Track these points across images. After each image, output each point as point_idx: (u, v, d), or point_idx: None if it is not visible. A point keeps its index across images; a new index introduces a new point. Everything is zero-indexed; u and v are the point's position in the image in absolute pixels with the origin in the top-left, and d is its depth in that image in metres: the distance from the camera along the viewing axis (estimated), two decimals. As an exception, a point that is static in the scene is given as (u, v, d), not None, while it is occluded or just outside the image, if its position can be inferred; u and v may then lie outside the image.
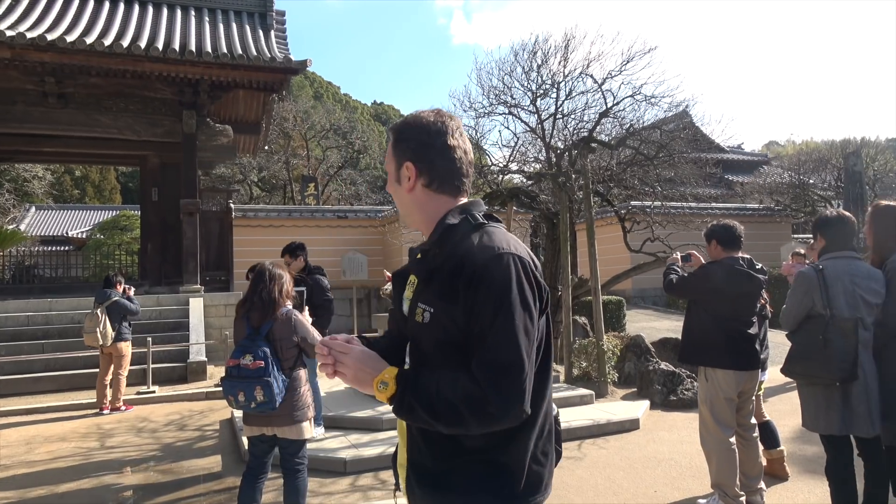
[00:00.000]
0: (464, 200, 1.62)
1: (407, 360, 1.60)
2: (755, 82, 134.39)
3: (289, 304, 3.80)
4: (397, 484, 1.69)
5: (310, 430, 3.83)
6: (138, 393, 8.84)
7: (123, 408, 8.20)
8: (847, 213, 3.57)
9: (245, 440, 5.92)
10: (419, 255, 1.60)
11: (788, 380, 3.88)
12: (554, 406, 1.68)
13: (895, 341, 3.33)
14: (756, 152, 35.22)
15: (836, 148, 22.04)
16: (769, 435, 4.80)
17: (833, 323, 3.24)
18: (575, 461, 5.33)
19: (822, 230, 3.54)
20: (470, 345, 1.42)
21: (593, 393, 7.30)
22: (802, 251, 7.92)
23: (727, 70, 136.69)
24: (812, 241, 3.71)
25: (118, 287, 8.16)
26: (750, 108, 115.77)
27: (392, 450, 5.56)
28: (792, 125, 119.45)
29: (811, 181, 20.03)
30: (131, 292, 8.38)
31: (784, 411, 6.48)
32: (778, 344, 9.38)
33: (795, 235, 18.94)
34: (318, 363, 1.54)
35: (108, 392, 8.13)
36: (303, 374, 3.81)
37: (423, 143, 1.59)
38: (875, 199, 16.22)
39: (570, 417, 6.37)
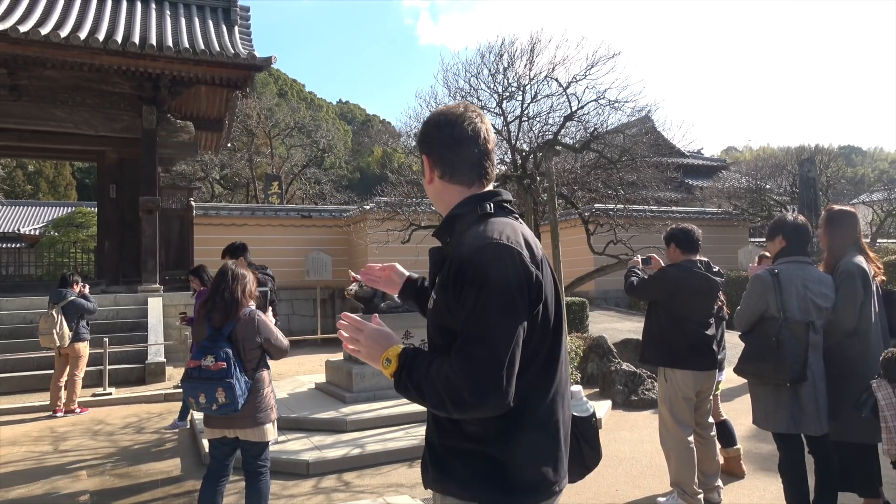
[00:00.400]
0: (486, 189, 1.64)
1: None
2: (715, 89, 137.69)
3: (252, 305, 3.75)
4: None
5: (273, 431, 3.79)
6: (94, 395, 8.61)
7: (78, 410, 7.97)
8: (804, 220, 3.70)
9: (206, 442, 5.82)
10: (436, 248, 1.68)
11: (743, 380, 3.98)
12: (589, 405, 1.70)
13: (845, 341, 3.46)
14: (715, 158, 36.05)
15: (792, 154, 22.72)
16: (726, 434, 4.93)
17: (786, 325, 3.35)
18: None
19: (784, 231, 3.64)
20: (458, 332, 1.46)
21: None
22: (769, 254, 8.13)
23: (688, 76, 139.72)
24: (768, 242, 3.80)
25: (74, 287, 7.93)
26: (709, 115, 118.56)
27: (356, 451, 5.53)
28: (750, 131, 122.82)
29: (768, 186, 20.60)
30: (86, 290, 8.16)
31: (741, 410, 6.64)
32: (735, 345, 9.54)
33: (752, 239, 19.46)
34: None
35: (63, 394, 7.90)
36: (266, 375, 3.76)
37: (434, 135, 1.65)
38: (827, 204, 16.78)
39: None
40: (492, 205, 1.58)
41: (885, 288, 3.82)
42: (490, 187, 1.67)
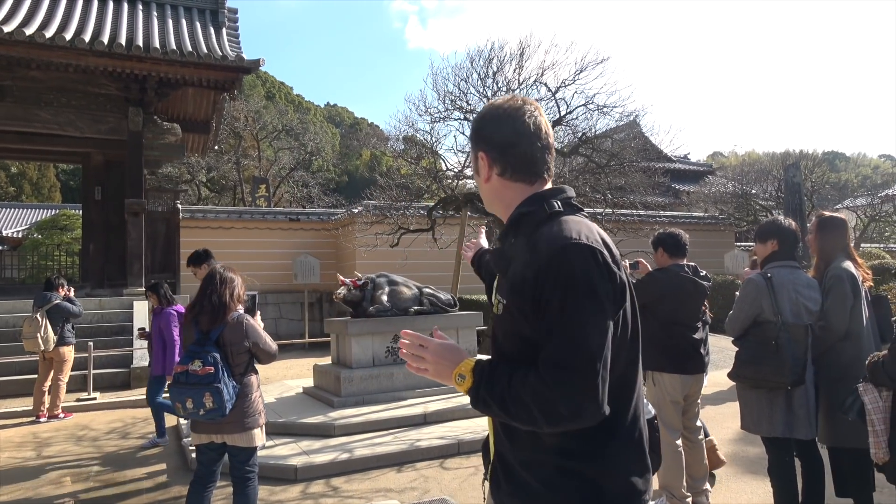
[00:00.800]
0: (546, 187, 1.55)
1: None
2: (701, 94, 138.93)
3: (240, 309, 3.72)
4: (486, 474, 1.67)
5: (261, 436, 3.75)
6: (78, 400, 8.50)
7: (62, 415, 7.87)
8: (795, 224, 3.73)
9: (192, 448, 5.76)
10: (499, 245, 1.59)
11: (733, 383, 4.00)
12: (650, 408, 1.60)
13: (837, 345, 3.49)
14: (701, 162, 36.38)
15: (777, 160, 22.94)
16: None
17: (785, 328, 3.36)
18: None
19: (780, 236, 3.65)
20: (538, 339, 1.36)
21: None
22: (756, 257, 8.18)
23: (675, 82, 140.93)
24: (759, 245, 3.80)
25: (59, 290, 7.84)
26: (696, 120, 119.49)
27: (344, 456, 5.51)
28: (735, 136, 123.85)
29: (753, 191, 20.78)
30: (71, 293, 8.07)
31: (728, 414, 6.69)
32: (722, 349, 9.69)
33: (738, 243, 19.62)
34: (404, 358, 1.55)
35: (46, 399, 7.79)
36: (254, 379, 3.73)
37: (493, 131, 1.55)
38: (812, 209, 16.96)
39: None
40: (559, 202, 1.49)
41: (874, 293, 3.86)
42: (550, 184, 1.57)
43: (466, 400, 5.74)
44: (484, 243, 2.31)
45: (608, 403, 1.33)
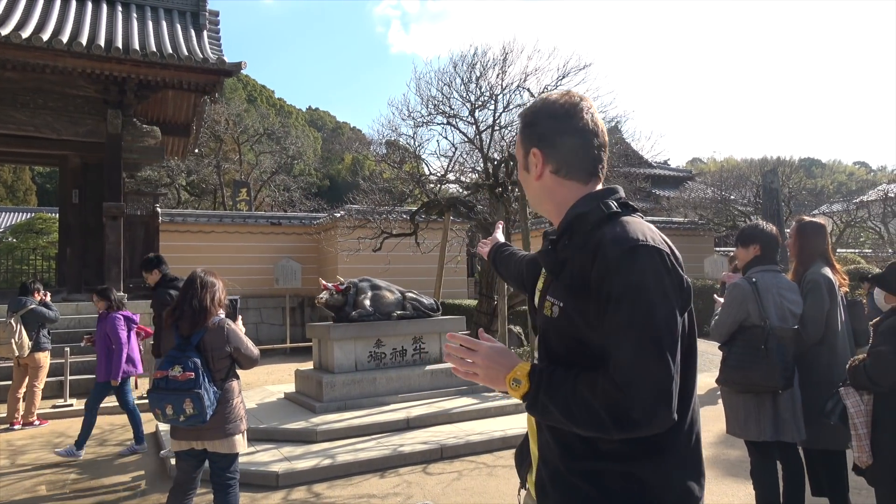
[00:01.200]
0: (598, 187, 1.52)
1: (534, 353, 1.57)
2: (681, 100, 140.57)
3: (221, 313, 3.67)
4: (523, 482, 1.62)
5: (242, 443, 3.71)
6: (54, 406, 8.34)
7: (37, 422, 7.72)
8: (776, 229, 3.77)
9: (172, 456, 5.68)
10: (549, 246, 1.51)
11: (712, 387, 4.03)
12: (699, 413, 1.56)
13: (813, 349, 3.53)
14: (681, 168, 36.74)
15: (755, 166, 23.26)
16: None
17: (773, 333, 3.38)
18: (511, 469, 5.37)
19: (762, 241, 3.67)
20: (601, 343, 1.32)
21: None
22: (738, 261, 8.27)
23: (656, 88, 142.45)
24: (740, 249, 3.81)
25: (35, 295, 7.70)
26: (675, 126, 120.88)
27: (327, 462, 5.45)
28: (714, 143, 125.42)
29: (732, 197, 21.04)
30: (47, 298, 7.92)
31: (708, 417, 6.75)
32: (702, 353, 9.79)
33: (718, 248, 19.84)
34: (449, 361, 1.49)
35: (21, 406, 7.64)
36: (235, 385, 3.69)
37: (549, 127, 1.50)
38: (790, 214, 17.22)
39: (505, 426, 6.43)
40: (616, 203, 1.45)
41: (849, 297, 3.92)
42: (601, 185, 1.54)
43: (449, 405, 5.76)
44: (500, 237, 2.32)
45: None
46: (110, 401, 8.86)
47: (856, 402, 3.04)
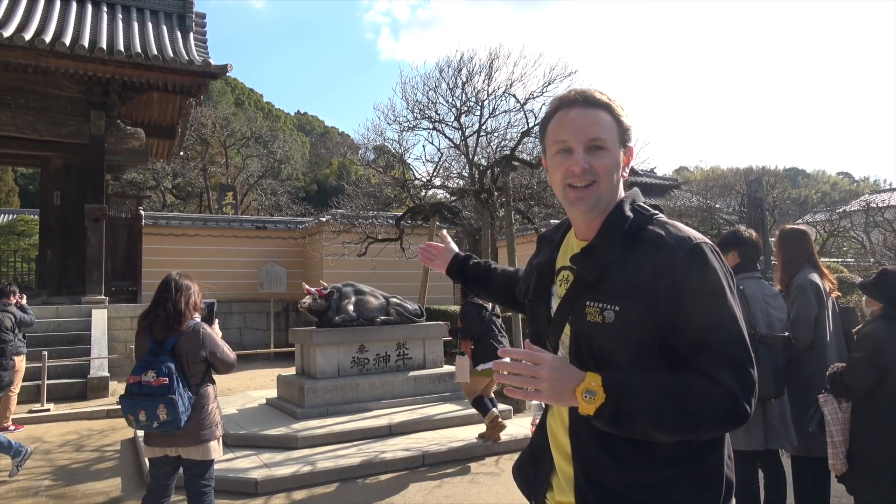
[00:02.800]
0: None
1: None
2: (668, 109, 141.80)
3: (196, 317, 3.61)
4: (540, 501, 1.54)
5: (218, 449, 3.64)
6: (30, 411, 8.19)
7: (12, 427, 7.56)
8: (755, 235, 3.77)
9: (147, 461, 5.59)
10: (585, 250, 1.44)
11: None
12: None
13: (801, 356, 3.52)
14: (667, 176, 36.96)
15: (740, 175, 23.46)
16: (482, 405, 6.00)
17: (764, 341, 3.37)
18: (493, 476, 5.34)
19: (740, 247, 3.67)
20: (676, 342, 1.30)
21: (511, 408, 7.35)
22: None
23: (642, 96, 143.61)
24: None
25: (11, 298, 7.56)
26: (662, 134, 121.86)
27: (307, 469, 5.36)
28: (700, 152, 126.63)
29: (717, 205, 21.19)
30: (24, 301, 7.78)
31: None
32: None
33: (702, 256, 19.91)
34: (500, 380, 1.36)
35: (-5, 411, 7.48)
36: (211, 390, 3.62)
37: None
38: (774, 223, 17.35)
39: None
40: (647, 205, 1.47)
41: (842, 304, 3.93)
42: None
43: (432, 411, 5.72)
44: (454, 247, 2.14)
45: None
46: (88, 406, 8.76)
47: (833, 410, 3.04)
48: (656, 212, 1.47)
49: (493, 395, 6.33)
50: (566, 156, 1.44)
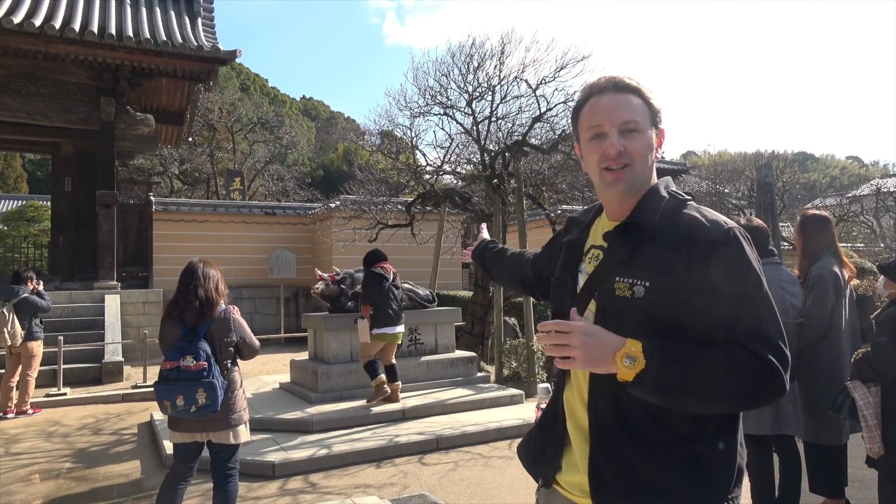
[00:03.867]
0: None
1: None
2: (675, 93, 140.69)
3: (223, 303, 3.66)
4: (547, 480, 1.56)
5: (246, 433, 3.70)
6: (47, 395, 8.31)
7: (31, 411, 7.68)
8: (761, 222, 3.77)
9: (167, 444, 5.67)
10: (619, 227, 1.48)
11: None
12: None
13: (815, 344, 3.54)
14: (676, 161, 36.72)
15: (749, 160, 23.36)
16: (392, 372, 6.74)
17: None
18: (506, 460, 5.40)
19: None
20: (705, 318, 1.34)
21: (523, 393, 7.41)
22: None
23: (650, 80, 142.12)
24: None
25: (28, 284, 7.64)
26: (670, 118, 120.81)
27: (323, 452, 5.44)
28: (708, 136, 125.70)
29: (726, 190, 21.12)
30: (40, 287, 7.87)
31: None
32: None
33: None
34: (543, 347, 1.38)
35: (14, 395, 7.60)
36: (238, 375, 3.68)
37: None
38: (784, 208, 17.27)
39: (500, 417, 6.45)
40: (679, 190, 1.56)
41: (858, 293, 3.93)
42: None
43: (445, 395, 5.76)
44: (486, 235, 2.30)
45: None
46: (104, 390, 8.87)
47: (864, 395, 3.06)
48: (689, 198, 1.51)
49: (394, 361, 6.91)
50: (601, 140, 1.48)
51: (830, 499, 3.66)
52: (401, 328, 6.94)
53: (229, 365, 3.60)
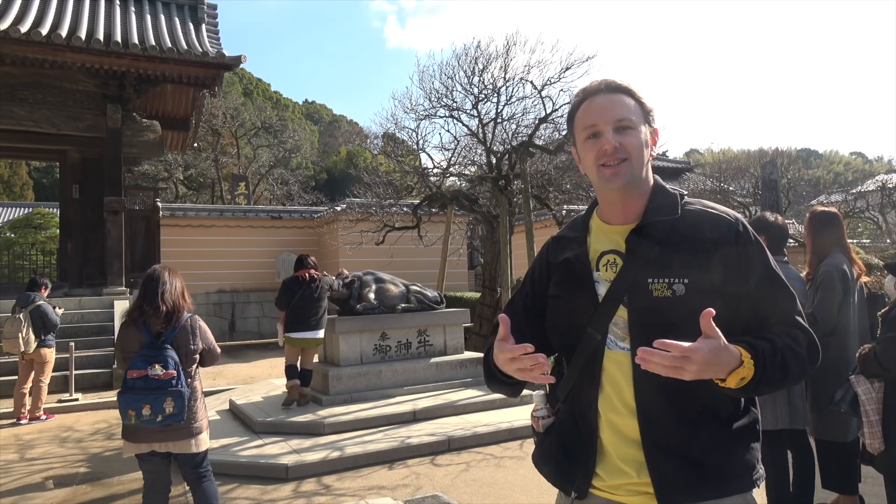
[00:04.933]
0: None
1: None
2: (678, 92, 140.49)
3: (188, 311, 3.59)
4: (583, 490, 1.53)
5: (207, 440, 3.63)
6: (60, 401, 8.37)
7: (44, 417, 7.74)
8: (783, 220, 3.78)
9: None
10: (639, 229, 1.50)
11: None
12: None
13: (823, 340, 3.55)
14: (679, 160, 36.70)
15: (753, 157, 23.29)
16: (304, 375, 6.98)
17: None
18: (518, 460, 5.42)
19: (768, 231, 3.68)
20: (737, 306, 1.44)
21: (533, 393, 7.41)
22: None
23: (654, 79, 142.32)
24: None
25: (43, 291, 7.69)
26: (673, 117, 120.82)
27: (335, 454, 5.47)
28: (711, 134, 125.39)
29: (731, 188, 21.07)
30: (45, 293, 7.85)
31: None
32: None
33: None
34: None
35: (27, 401, 7.66)
36: (199, 383, 3.63)
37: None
38: (789, 205, 17.25)
39: (511, 417, 6.47)
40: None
41: (870, 290, 3.94)
42: None
43: (455, 396, 5.82)
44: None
45: None
46: (115, 395, 8.91)
47: (867, 390, 3.08)
48: (684, 192, 1.58)
49: (309, 367, 7.23)
50: (596, 139, 1.51)
51: (843, 495, 3.68)
52: (314, 334, 7.14)
53: (193, 373, 3.53)
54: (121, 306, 11.39)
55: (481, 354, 7.49)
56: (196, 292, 14.81)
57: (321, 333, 7.21)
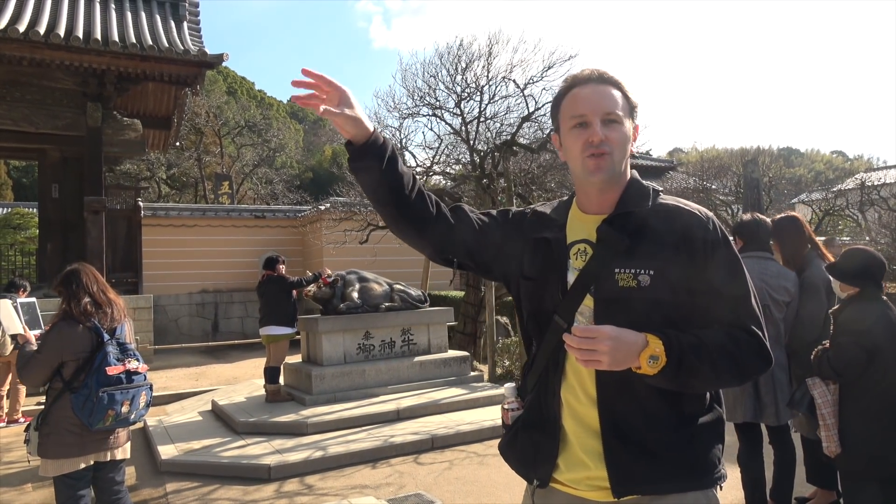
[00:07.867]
0: None
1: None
2: (662, 91, 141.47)
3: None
4: (544, 480, 1.56)
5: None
6: (39, 403, 8.22)
7: (22, 420, 7.62)
8: (763, 218, 3.82)
9: (162, 451, 5.65)
10: (611, 219, 1.51)
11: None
12: None
13: (810, 347, 3.59)
14: (663, 158, 36.91)
15: (735, 156, 23.51)
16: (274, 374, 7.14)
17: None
18: (501, 458, 5.42)
19: (741, 232, 3.79)
20: (700, 301, 1.46)
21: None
22: None
23: (637, 78, 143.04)
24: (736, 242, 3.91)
25: (22, 293, 7.58)
26: (657, 116, 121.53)
27: (318, 454, 5.44)
28: (695, 133, 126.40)
29: (713, 187, 21.24)
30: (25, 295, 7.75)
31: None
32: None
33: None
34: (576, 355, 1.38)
35: (5, 403, 7.55)
36: None
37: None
38: (770, 203, 17.42)
39: (495, 416, 6.47)
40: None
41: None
42: None
43: (439, 395, 5.82)
44: (361, 115, 1.59)
45: None
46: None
47: (822, 393, 3.08)
48: (660, 188, 1.61)
49: (273, 364, 7.47)
50: (583, 129, 1.51)
51: (821, 489, 3.73)
52: (269, 330, 7.47)
53: None
54: (101, 307, 11.25)
55: (466, 353, 7.50)
56: (179, 292, 14.72)
57: (272, 330, 7.43)
